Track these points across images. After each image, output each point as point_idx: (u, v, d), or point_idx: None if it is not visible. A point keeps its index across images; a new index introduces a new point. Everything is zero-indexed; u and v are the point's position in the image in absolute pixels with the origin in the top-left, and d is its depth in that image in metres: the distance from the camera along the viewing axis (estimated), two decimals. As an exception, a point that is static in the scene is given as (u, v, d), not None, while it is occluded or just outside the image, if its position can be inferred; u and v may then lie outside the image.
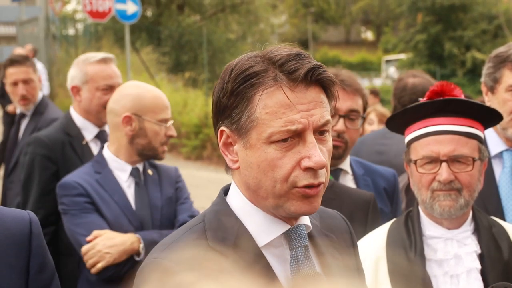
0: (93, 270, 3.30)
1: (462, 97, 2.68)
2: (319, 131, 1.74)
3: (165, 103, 3.53)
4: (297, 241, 1.80)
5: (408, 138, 2.75)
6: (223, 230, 1.77)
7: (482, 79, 3.46)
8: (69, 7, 27.92)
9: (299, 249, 1.80)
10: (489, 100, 3.41)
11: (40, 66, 5.18)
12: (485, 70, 3.44)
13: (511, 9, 37.56)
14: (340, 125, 3.32)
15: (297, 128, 1.69)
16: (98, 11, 18.25)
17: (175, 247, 1.74)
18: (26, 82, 5.72)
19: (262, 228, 1.79)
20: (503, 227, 2.76)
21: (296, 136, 1.70)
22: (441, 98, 2.66)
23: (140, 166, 3.60)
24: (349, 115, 3.35)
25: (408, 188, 3.77)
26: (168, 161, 3.87)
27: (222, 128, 1.77)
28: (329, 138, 1.78)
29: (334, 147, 3.24)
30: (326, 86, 1.75)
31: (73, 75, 4.13)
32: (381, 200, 3.49)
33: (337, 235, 1.97)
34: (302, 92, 1.70)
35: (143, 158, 3.57)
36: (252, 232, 1.78)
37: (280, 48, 1.76)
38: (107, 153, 3.57)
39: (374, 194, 3.26)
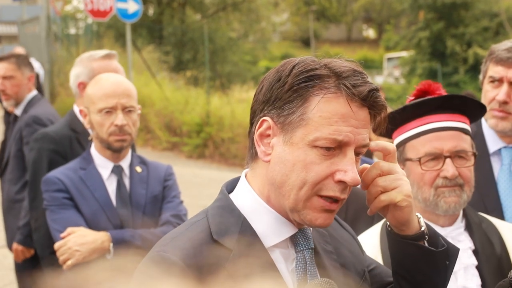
0: (64, 267, 3.33)
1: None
2: (357, 152, 1.76)
3: (104, 92, 3.43)
4: (304, 243, 1.83)
5: (401, 137, 2.73)
6: (227, 225, 1.78)
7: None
8: (70, 6, 27.92)
9: (306, 251, 1.82)
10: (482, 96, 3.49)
11: (37, 65, 5.17)
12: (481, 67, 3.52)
13: (512, 6, 37.51)
14: None
15: (343, 139, 1.71)
16: (99, 10, 18.25)
17: (178, 241, 1.75)
18: (6, 78, 5.80)
19: (271, 228, 1.80)
20: (491, 222, 2.77)
21: (338, 148, 1.72)
22: (429, 96, 2.67)
23: (126, 163, 3.60)
24: None
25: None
26: (169, 160, 3.88)
27: (266, 118, 1.77)
28: (359, 161, 1.80)
29: None
30: (378, 111, 1.77)
31: (79, 72, 4.14)
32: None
33: (327, 229, 1.98)
34: (357, 109, 1.73)
35: (111, 151, 3.53)
36: (260, 231, 1.79)
37: (341, 61, 1.78)
38: (93, 149, 3.59)
39: None
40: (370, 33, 65.04)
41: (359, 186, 3.42)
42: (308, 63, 1.75)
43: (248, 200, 1.83)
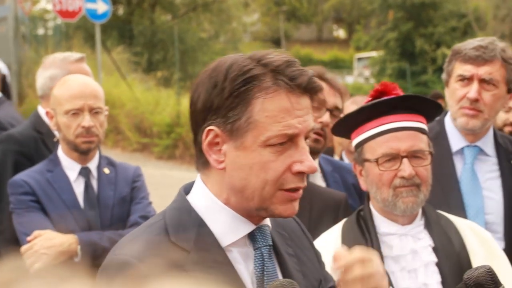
0: (31, 271, 3.28)
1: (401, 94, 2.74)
2: (305, 137, 1.78)
3: (71, 93, 3.40)
4: (262, 240, 1.83)
5: (359, 138, 2.74)
6: (184, 227, 1.78)
7: (442, 75, 3.58)
8: (39, 7, 27.64)
9: (264, 248, 1.83)
10: (447, 95, 3.53)
11: (1, 65, 5.12)
12: (444, 67, 3.57)
13: (479, 7, 37.98)
14: (327, 117, 3.35)
15: (293, 132, 1.73)
16: (68, 11, 18.10)
17: (135, 244, 1.75)
18: None
19: (228, 227, 1.80)
20: (450, 219, 2.81)
21: (289, 141, 1.74)
22: (386, 97, 2.70)
23: (93, 164, 3.58)
24: (333, 111, 3.41)
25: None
26: (139, 161, 3.87)
27: (211, 127, 1.75)
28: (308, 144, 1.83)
29: (316, 141, 3.31)
30: (317, 94, 1.79)
31: (54, 74, 4.06)
32: (350, 196, 3.50)
33: (289, 232, 2.00)
34: (299, 99, 1.74)
35: (78, 153, 3.51)
36: (217, 231, 1.79)
37: (271, 53, 1.78)
38: (60, 151, 3.56)
39: (346, 195, 3.29)
40: (341, 33, 65.31)
41: (323, 184, 3.46)
42: (241, 64, 1.74)
43: (204, 201, 1.83)
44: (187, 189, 1.91)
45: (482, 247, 2.76)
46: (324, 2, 56.97)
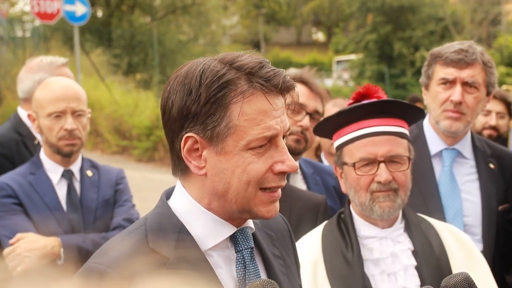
0: (14, 274, 3.25)
1: (385, 97, 2.74)
2: (283, 136, 1.79)
3: (54, 96, 3.38)
4: (243, 243, 1.83)
5: (339, 141, 2.76)
6: (165, 232, 1.77)
7: (420, 79, 3.59)
8: (17, 8, 27.43)
9: (245, 251, 1.82)
10: (426, 98, 3.54)
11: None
12: (422, 70, 3.57)
13: (457, 11, 38.30)
14: (306, 121, 3.38)
15: (273, 134, 1.73)
16: (46, 13, 17.96)
17: (115, 252, 1.74)
18: None
19: (208, 231, 1.80)
20: (430, 223, 2.82)
21: (268, 142, 1.75)
22: (368, 100, 2.71)
23: (76, 167, 3.56)
24: (313, 115, 3.42)
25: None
26: (119, 163, 3.85)
27: (190, 134, 1.74)
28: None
29: (297, 141, 3.34)
30: (290, 92, 1.79)
31: (43, 78, 4.04)
32: (330, 198, 3.53)
33: (277, 233, 2.01)
34: (275, 99, 1.75)
35: (61, 156, 3.49)
36: (198, 234, 1.79)
37: (241, 55, 1.77)
38: (42, 154, 3.54)
39: (325, 198, 3.30)
40: (320, 36, 65.46)
41: (304, 186, 3.47)
42: (213, 69, 1.72)
43: (185, 205, 1.82)
44: (169, 194, 1.90)
45: (461, 250, 2.78)
46: (303, 5, 57.09)
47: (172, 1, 29.04)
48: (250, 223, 1.88)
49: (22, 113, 4.13)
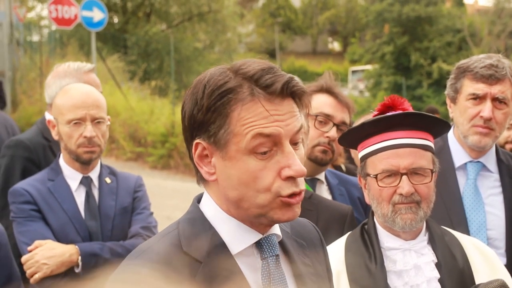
0: (31, 281, 3.25)
1: (411, 109, 2.72)
2: (294, 142, 1.76)
3: (73, 102, 3.37)
4: (269, 250, 1.82)
5: (363, 152, 2.75)
6: (197, 237, 1.78)
7: (446, 91, 3.55)
8: (34, 13, 27.64)
9: (270, 258, 1.82)
10: (452, 111, 3.50)
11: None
12: (448, 83, 3.53)
13: (474, 23, 38.23)
14: (333, 132, 3.38)
15: (271, 133, 1.71)
16: (63, 18, 18.06)
17: (149, 254, 1.75)
18: None
19: (234, 237, 1.80)
20: (454, 235, 2.80)
21: (274, 146, 1.72)
22: (393, 111, 2.69)
23: (95, 174, 3.54)
24: (340, 126, 3.41)
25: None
26: (133, 170, 3.82)
27: (198, 141, 1.78)
28: (301, 147, 1.81)
29: (324, 152, 3.34)
30: (299, 97, 1.78)
31: (69, 83, 4.03)
32: (355, 210, 3.52)
33: (308, 242, 2.00)
34: (279, 105, 1.73)
35: (80, 163, 3.47)
36: (226, 240, 1.79)
37: (249, 62, 1.78)
38: (61, 160, 3.52)
39: (352, 208, 3.28)
40: (335, 45, 65.59)
41: (329, 197, 3.45)
42: (218, 78, 1.75)
43: (210, 211, 1.84)
44: (199, 199, 1.92)
45: (485, 264, 2.75)
46: (319, 15, 57.26)
47: (188, 8, 29.19)
48: (276, 230, 1.88)
49: (50, 118, 4.12)
